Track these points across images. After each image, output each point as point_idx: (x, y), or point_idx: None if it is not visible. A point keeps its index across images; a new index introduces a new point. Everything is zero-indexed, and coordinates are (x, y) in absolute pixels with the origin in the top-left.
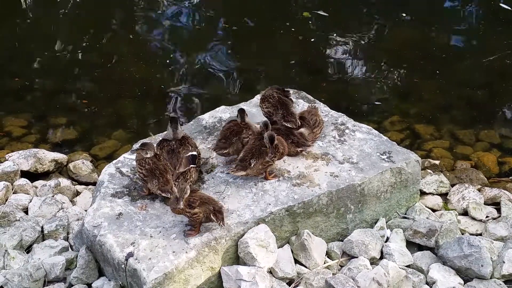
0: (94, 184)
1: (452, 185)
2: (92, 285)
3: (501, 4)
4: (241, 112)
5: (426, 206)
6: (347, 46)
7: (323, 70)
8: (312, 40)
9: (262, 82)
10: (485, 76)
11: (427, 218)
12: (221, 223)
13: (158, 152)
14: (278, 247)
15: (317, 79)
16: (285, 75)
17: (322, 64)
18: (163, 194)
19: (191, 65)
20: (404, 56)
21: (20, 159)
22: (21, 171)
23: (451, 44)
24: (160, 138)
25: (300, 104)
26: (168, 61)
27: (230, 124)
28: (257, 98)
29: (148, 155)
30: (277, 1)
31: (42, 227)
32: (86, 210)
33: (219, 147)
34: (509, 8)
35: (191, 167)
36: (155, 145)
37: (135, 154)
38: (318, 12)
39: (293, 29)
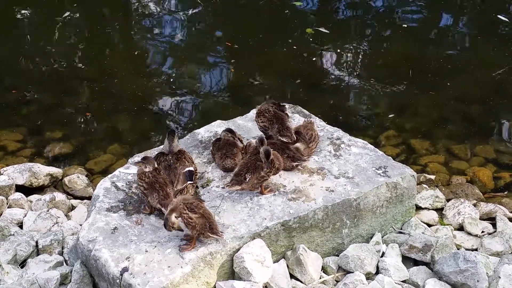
0: (89, 198)
1: (448, 200)
2: None
3: (499, 16)
4: (230, 131)
5: (421, 221)
6: (344, 61)
7: (320, 85)
8: (309, 55)
9: (259, 96)
10: (480, 90)
11: (422, 233)
12: (217, 236)
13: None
14: (274, 262)
15: (314, 94)
16: (282, 90)
17: (319, 79)
18: (163, 209)
19: (188, 80)
20: (401, 70)
21: (15, 173)
22: (16, 185)
23: (447, 58)
24: (156, 152)
25: (295, 118)
26: (165, 76)
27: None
28: (253, 112)
29: (147, 169)
30: (278, 18)
31: (36, 242)
32: (81, 225)
33: (230, 161)
34: (507, 20)
35: (188, 183)
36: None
37: (137, 167)
38: (319, 29)
39: (294, 47)
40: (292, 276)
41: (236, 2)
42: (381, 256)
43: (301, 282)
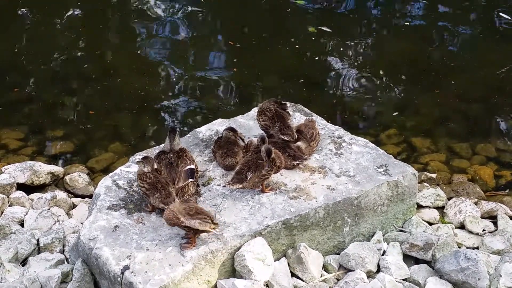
0: (90, 196)
1: (449, 199)
2: None
3: (501, 14)
4: (231, 129)
5: (422, 220)
6: (347, 60)
7: (322, 84)
8: (311, 54)
9: (260, 95)
10: (483, 89)
11: (423, 231)
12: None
13: (156, 166)
14: (275, 260)
15: (316, 92)
16: (284, 89)
17: (321, 78)
18: (166, 208)
19: (190, 79)
20: (402, 69)
21: (16, 171)
22: (17, 183)
23: (450, 56)
24: (158, 151)
25: (297, 117)
26: (167, 74)
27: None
28: (254, 111)
29: (146, 170)
30: (280, 17)
31: (37, 240)
32: (82, 223)
33: (231, 160)
34: (509, 18)
35: (190, 181)
36: (153, 157)
37: (138, 166)
38: (322, 28)
39: (297, 46)
40: (293, 275)
41: (238, 1)
42: (382, 255)
43: (302, 280)
